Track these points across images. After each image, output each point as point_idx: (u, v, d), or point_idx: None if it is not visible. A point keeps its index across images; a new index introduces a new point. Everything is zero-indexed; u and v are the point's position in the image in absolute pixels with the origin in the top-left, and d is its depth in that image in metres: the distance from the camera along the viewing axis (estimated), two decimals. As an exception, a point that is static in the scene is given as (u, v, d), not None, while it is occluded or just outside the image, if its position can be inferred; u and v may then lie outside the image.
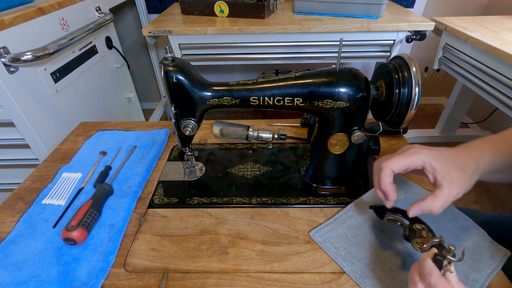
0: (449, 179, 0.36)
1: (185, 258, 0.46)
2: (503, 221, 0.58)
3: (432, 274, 0.31)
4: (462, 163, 0.37)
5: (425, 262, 0.33)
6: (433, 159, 0.37)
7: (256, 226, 0.51)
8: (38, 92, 0.88)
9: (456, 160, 0.37)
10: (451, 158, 0.37)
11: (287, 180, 0.60)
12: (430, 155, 0.37)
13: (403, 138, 0.70)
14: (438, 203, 0.36)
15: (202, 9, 1.38)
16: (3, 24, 0.76)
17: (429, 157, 0.37)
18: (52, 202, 0.55)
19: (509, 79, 0.98)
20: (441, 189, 0.36)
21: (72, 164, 0.64)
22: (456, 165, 0.36)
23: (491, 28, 1.16)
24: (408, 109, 0.46)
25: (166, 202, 0.56)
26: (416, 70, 0.44)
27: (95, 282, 0.42)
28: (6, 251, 0.46)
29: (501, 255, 0.44)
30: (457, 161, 0.37)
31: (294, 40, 1.30)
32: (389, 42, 1.32)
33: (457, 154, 0.38)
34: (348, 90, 0.47)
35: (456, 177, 0.36)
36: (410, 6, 1.75)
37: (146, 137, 0.71)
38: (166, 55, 0.48)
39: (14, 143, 0.90)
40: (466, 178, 0.36)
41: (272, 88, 0.49)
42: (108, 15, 1.18)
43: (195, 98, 0.50)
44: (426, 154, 0.37)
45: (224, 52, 1.36)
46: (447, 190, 0.36)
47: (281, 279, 0.43)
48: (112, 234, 0.48)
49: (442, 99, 2.20)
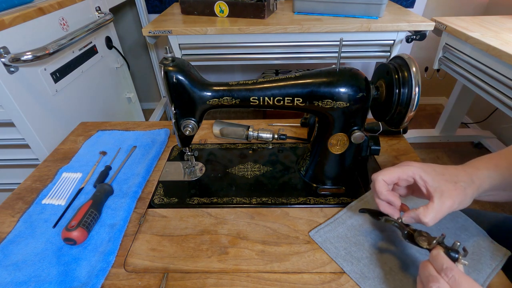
0: (440, 191, 0.36)
1: (185, 258, 0.46)
2: (503, 221, 0.58)
3: (453, 269, 0.31)
4: (453, 175, 0.37)
5: (441, 257, 0.32)
6: (423, 171, 0.38)
7: (256, 226, 0.51)
8: (38, 92, 0.88)
9: (447, 172, 0.37)
10: (442, 171, 0.38)
11: (287, 180, 0.60)
12: (421, 167, 0.38)
13: (403, 138, 0.70)
14: (430, 215, 0.36)
15: (202, 9, 1.38)
16: (3, 24, 0.76)
17: (419, 169, 0.38)
18: (52, 202, 0.55)
19: (509, 79, 0.98)
20: (432, 200, 0.37)
21: (72, 164, 0.64)
22: (447, 177, 0.37)
23: (491, 28, 1.16)
24: (408, 109, 0.46)
25: (166, 202, 0.56)
26: (416, 70, 0.44)
27: (95, 282, 0.42)
28: (6, 251, 0.46)
29: (501, 255, 0.44)
30: (448, 174, 0.37)
31: (294, 40, 1.30)
32: (389, 42, 1.32)
33: (448, 168, 0.38)
34: (348, 90, 0.47)
35: (447, 189, 0.36)
36: (410, 6, 1.75)
37: (146, 137, 0.71)
38: (166, 55, 0.48)
39: (14, 143, 0.90)
40: (459, 190, 0.36)
41: (272, 88, 0.49)
42: (108, 15, 1.18)
43: (195, 98, 0.50)
44: (416, 167, 0.38)
45: (224, 52, 1.36)
46: (438, 202, 0.36)
47: (281, 279, 0.43)
48: (112, 234, 0.48)
49: (442, 99, 2.20)
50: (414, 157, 0.64)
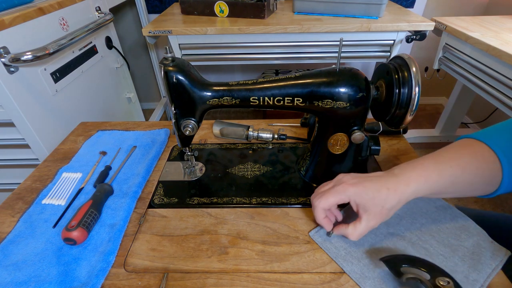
0: (367, 214, 0.42)
1: (185, 258, 0.46)
2: (503, 221, 0.58)
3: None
4: (383, 200, 0.41)
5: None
6: (358, 196, 0.42)
7: (256, 226, 0.51)
8: (38, 92, 0.88)
9: (377, 196, 0.41)
10: (373, 194, 0.41)
11: (287, 180, 0.60)
12: (356, 193, 0.42)
13: (403, 138, 0.70)
14: (357, 233, 0.43)
15: (202, 9, 1.38)
16: (3, 24, 0.76)
17: (354, 195, 0.42)
18: (52, 202, 0.55)
19: (509, 79, 0.98)
20: (360, 222, 0.43)
21: (72, 164, 0.64)
22: (376, 202, 0.41)
23: (491, 28, 1.16)
24: (408, 109, 0.46)
25: (166, 202, 0.56)
26: (416, 70, 0.44)
27: (95, 282, 0.42)
28: (6, 251, 0.46)
29: (501, 255, 0.44)
30: (379, 198, 0.41)
31: (294, 40, 1.30)
32: (389, 42, 1.32)
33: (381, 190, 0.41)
34: (348, 90, 0.47)
35: (374, 212, 0.42)
36: (410, 6, 1.75)
37: (146, 137, 0.71)
38: (166, 55, 0.48)
39: (14, 143, 0.90)
40: (383, 214, 0.42)
41: (272, 88, 0.49)
42: (108, 15, 1.18)
43: (195, 98, 0.50)
44: (352, 192, 0.43)
45: (224, 52, 1.36)
46: (365, 224, 0.43)
47: (281, 279, 0.43)
48: (112, 234, 0.48)
49: (442, 99, 2.20)
50: (414, 157, 0.64)
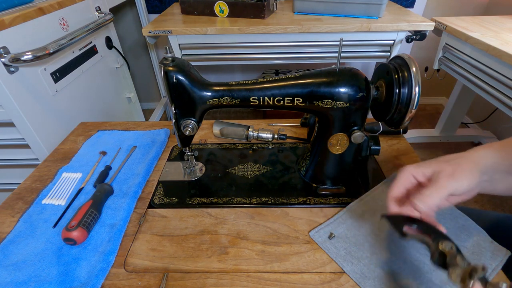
0: (436, 172, 0.37)
1: (185, 258, 0.46)
2: (503, 221, 0.58)
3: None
4: (454, 158, 0.37)
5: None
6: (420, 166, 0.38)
7: (256, 226, 0.51)
8: (38, 92, 0.88)
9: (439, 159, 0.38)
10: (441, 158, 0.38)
11: (287, 180, 0.60)
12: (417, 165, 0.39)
13: (403, 138, 0.70)
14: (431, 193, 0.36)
15: (202, 9, 1.38)
16: (3, 24, 0.76)
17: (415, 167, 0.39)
18: (52, 202, 0.55)
19: (509, 79, 0.98)
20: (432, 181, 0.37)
21: (72, 164, 0.64)
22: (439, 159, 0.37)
23: (491, 28, 1.16)
24: (408, 109, 0.46)
25: (166, 202, 0.56)
26: (416, 70, 0.44)
27: (95, 282, 0.42)
28: (6, 251, 0.46)
29: (501, 255, 0.44)
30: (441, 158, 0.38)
31: (294, 40, 1.30)
32: (389, 42, 1.32)
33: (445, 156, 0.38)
34: (348, 90, 0.47)
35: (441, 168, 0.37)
36: (410, 6, 1.75)
37: (146, 137, 0.71)
38: (166, 55, 0.48)
39: (14, 143, 0.90)
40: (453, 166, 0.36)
41: (272, 88, 0.49)
42: (108, 15, 1.18)
43: (195, 98, 0.50)
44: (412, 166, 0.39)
45: (224, 52, 1.36)
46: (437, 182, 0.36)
47: (281, 279, 0.43)
48: (112, 234, 0.48)
49: (442, 99, 2.20)
50: (414, 157, 0.64)
